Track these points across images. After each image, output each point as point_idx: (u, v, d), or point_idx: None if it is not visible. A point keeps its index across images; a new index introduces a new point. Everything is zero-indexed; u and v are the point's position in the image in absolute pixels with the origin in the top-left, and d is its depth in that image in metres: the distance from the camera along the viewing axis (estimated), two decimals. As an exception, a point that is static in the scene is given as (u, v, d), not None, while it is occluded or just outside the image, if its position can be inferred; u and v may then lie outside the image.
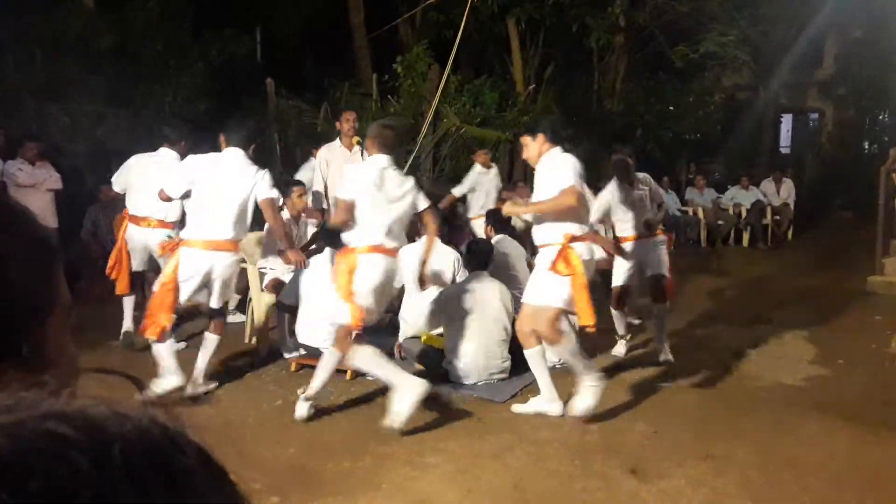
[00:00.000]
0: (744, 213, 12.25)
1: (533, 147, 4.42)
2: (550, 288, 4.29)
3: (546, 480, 3.62)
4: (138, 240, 5.60)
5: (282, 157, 10.06)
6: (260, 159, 7.12)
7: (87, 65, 8.89)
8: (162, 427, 0.41)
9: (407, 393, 4.08)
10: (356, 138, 6.25)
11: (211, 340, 4.77)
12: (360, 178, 4.32)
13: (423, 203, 4.42)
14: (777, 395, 4.83)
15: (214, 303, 4.74)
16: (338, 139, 6.51)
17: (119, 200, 7.93)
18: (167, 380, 4.49)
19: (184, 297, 4.56)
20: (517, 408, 4.51)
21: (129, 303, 5.78)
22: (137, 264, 5.71)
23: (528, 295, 4.45)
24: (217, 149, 4.74)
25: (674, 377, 5.10)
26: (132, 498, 0.38)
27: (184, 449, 0.41)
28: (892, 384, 5.01)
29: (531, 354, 4.45)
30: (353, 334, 4.32)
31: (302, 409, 4.31)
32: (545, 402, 4.44)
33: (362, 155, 6.14)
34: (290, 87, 10.58)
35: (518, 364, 5.11)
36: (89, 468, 0.37)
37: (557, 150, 4.37)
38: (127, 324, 5.72)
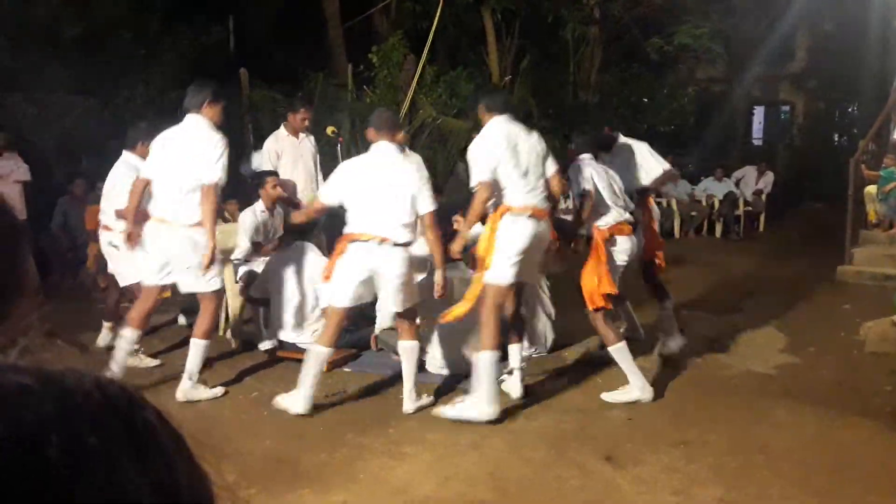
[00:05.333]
0: (716, 205, 12.39)
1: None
2: (493, 265, 4.22)
3: (522, 468, 3.64)
4: None
5: (255, 147, 9.96)
6: (232, 151, 7.04)
7: (54, 54, 8.72)
8: (119, 384, 0.42)
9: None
10: (331, 128, 6.20)
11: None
12: None
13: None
14: (749, 383, 4.90)
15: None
16: (282, 127, 6.23)
17: (90, 194, 7.83)
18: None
19: None
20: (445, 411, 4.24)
21: None
22: None
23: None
24: None
25: (648, 365, 5.14)
26: (98, 444, 0.38)
27: (143, 404, 0.42)
28: (860, 371, 5.11)
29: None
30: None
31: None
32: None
33: (338, 146, 6.11)
34: (263, 77, 10.47)
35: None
36: (55, 415, 0.38)
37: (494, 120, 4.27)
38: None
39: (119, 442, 0.39)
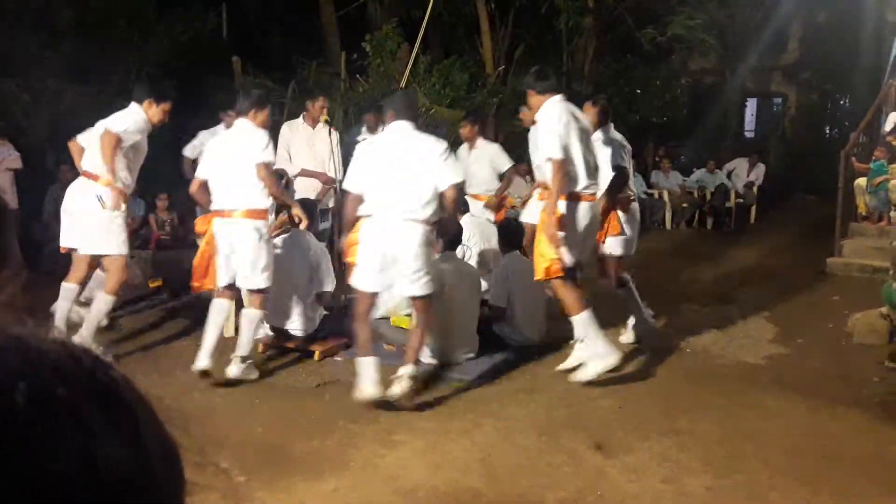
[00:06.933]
0: (708, 196, 12.43)
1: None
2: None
3: (513, 456, 3.67)
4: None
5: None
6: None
7: (47, 40, 8.65)
8: (81, 345, 0.43)
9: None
10: (324, 117, 6.22)
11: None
12: None
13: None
14: (739, 373, 4.95)
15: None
16: (301, 117, 6.42)
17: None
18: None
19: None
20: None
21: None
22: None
23: None
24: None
25: (640, 355, 5.18)
26: (66, 394, 0.39)
27: (106, 363, 0.43)
28: (848, 362, 5.15)
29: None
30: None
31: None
32: None
33: (330, 134, 6.12)
34: (256, 65, 10.42)
35: (486, 344, 5.16)
36: (20, 365, 0.39)
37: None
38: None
39: (86, 395, 0.40)
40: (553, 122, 4.32)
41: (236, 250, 4.55)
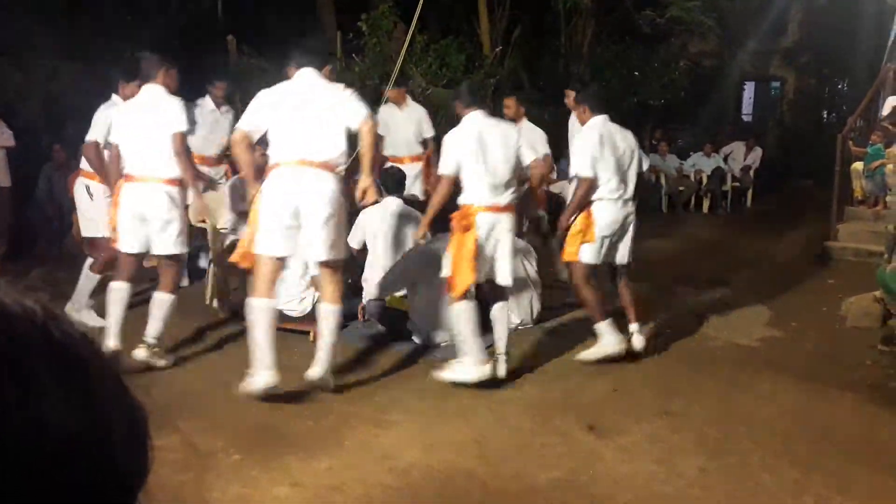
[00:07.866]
0: (704, 180, 12.42)
1: None
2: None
3: (507, 437, 3.68)
4: None
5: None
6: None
7: (40, 18, 8.55)
8: (39, 301, 0.42)
9: None
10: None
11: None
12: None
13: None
14: (733, 355, 4.96)
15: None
16: None
17: (74, 161, 7.74)
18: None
19: None
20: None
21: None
22: None
23: None
24: None
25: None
26: (11, 348, 0.38)
27: (63, 320, 0.42)
28: (841, 345, 5.17)
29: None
30: None
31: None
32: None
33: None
34: (252, 44, 10.33)
35: (482, 324, 5.16)
36: None
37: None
38: None
39: (33, 349, 0.38)
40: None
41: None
